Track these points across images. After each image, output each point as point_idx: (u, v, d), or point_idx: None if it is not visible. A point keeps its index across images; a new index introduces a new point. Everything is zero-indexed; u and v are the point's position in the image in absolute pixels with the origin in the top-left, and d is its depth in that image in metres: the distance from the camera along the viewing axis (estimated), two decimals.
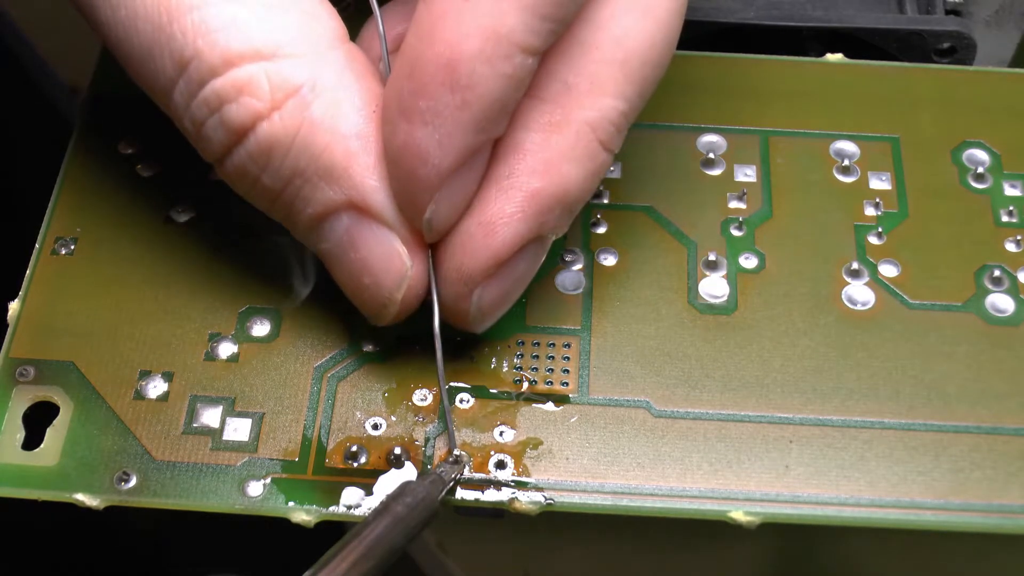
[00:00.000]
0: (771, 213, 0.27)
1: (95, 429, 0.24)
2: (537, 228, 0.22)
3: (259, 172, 0.22)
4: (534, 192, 0.22)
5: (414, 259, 0.22)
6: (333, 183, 0.22)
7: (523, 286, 0.24)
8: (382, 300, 0.23)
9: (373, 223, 0.22)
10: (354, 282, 0.23)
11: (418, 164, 0.21)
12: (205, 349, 0.25)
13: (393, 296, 0.22)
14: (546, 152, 0.22)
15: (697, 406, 0.24)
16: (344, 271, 0.23)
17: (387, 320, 0.23)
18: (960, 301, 0.25)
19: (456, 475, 0.23)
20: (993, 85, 0.29)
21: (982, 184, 0.27)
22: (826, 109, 0.28)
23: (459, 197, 0.22)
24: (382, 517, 0.21)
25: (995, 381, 0.24)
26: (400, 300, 0.22)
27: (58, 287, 0.26)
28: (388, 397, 0.24)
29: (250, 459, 0.23)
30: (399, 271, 0.22)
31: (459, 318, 0.23)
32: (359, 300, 0.23)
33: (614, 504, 0.23)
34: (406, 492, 0.22)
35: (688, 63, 0.29)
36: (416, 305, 0.23)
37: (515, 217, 0.22)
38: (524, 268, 0.23)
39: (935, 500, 0.23)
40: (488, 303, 0.23)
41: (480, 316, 0.23)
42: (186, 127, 0.23)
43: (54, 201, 0.27)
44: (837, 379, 0.24)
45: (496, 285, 0.23)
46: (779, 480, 0.23)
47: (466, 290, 0.22)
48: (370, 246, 0.22)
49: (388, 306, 0.23)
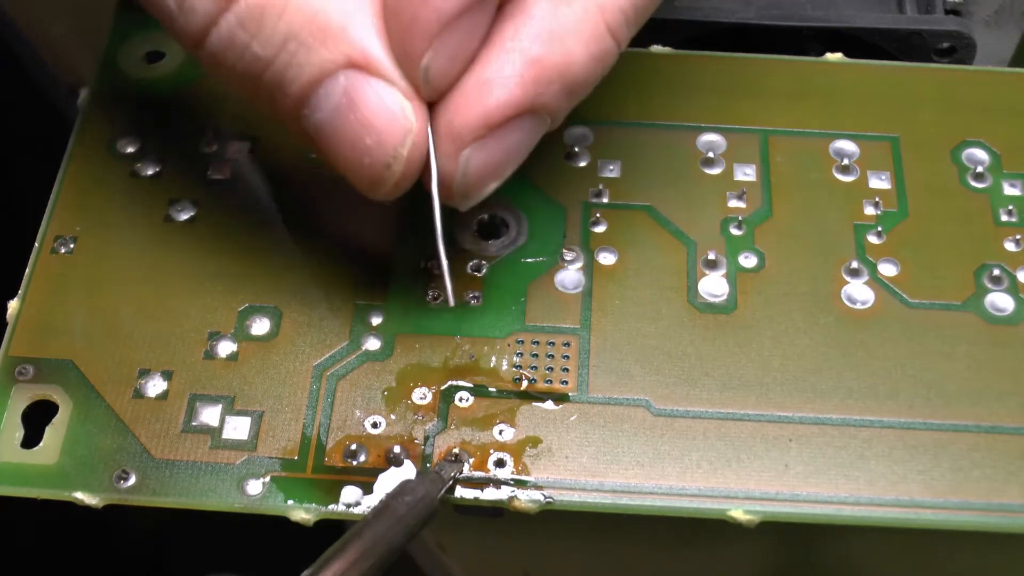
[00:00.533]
0: (771, 212, 0.27)
1: (94, 428, 0.24)
2: (533, 98, 0.22)
3: (249, 39, 0.21)
4: (535, 59, 0.21)
5: (418, 114, 0.22)
6: (330, 42, 0.21)
7: (512, 165, 0.23)
8: (386, 160, 0.22)
9: (372, 79, 0.21)
10: (355, 147, 0.22)
11: (419, 4, 0.20)
12: (204, 348, 0.25)
13: (398, 153, 0.21)
14: (552, 23, 0.21)
15: (697, 405, 0.24)
16: (343, 137, 0.22)
17: (388, 186, 0.22)
18: (960, 300, 0.25)
19: (455, 473, 0.23)
20: (993, 84, 0.29)
21: (982, 183, 0.27)
22: (826, 108, 0.28)
23: (458, 49, 0.21)
24: (382, 516, 0.21)
25: (995, 380, 0.24)
26: (405, 157, 0.22)
27: (57, 286, 0.26)
28: (387, 396, 0.24)
29: (249, 458, 0.23)
30: (403, 126, 0.21)
31: (444, 184, 0.22)
32: (360, 167, 0.22)
33: (613, 503, 0.23)
34: (405, 491, 0.22)
35: (688, 62, 0.29)
36: (418, 168, 0.22)
37: (512, 80, 0.21)
38: (515, 142, 0.22)
39: (934, 499, 0.23)
40: (474, 169, 0.22)
41: (464, 184, 0.22)
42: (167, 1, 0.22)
43: (54, 200, 0.27)
44: (836, 378, 0.24)
45: (484, 151, 0.22)
46: (778, 479, 0.23)
47: (453, 149, 0.22)
48: (371, 103, 0.21)
49: (393, 165, 0.22)
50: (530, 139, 0.23)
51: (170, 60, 0.29)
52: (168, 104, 0.29)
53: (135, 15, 0.30)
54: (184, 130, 0.28)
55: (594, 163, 0.27)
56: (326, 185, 0.27)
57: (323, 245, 0.26)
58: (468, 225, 0.26)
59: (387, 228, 0.26)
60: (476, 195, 0.23)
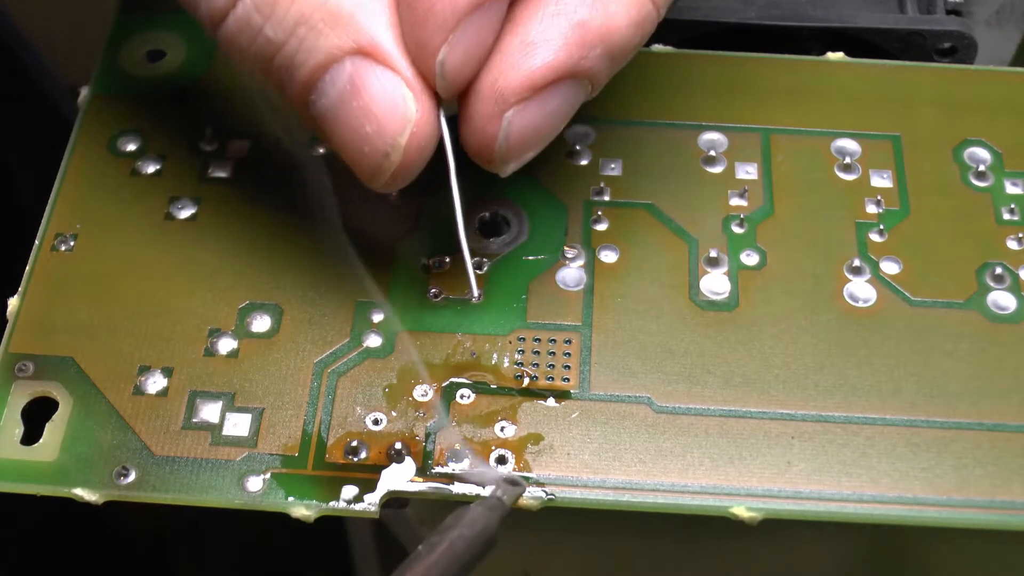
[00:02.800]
0: (772, 210, 0.27)
1: (94, 424, 0.24)
2: (577, 62, 0.22)
3: (263, 22, 0.21)
4: (579, 22, 0.21)
5: (420, 105, 0.22)
6: (339, 28, 0.21)
7: (552, 132, 0.23)
8: (384, 148, 0.22)
9: (378, 67, 0.21)
10: (356, 134, 0.22)
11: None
12: (205, 345, 0.25)
13: (396, 142, 0.22)
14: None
15: (698, 402, 0.24)
16: (345, 124, 0.22)
17: (387, 175, 0.22)
18: (962, 298, 0.25)
19: (518, 496, 0.23)
20: (994, 83, 0.29)
21: (983, 182, 0.27)
22: (827, 107, 0.28)
23: (474, 44, 0.21)
24: (440, 551, 0.20)
25: (997, 378, 0.24)
26: (403, 147, 0.22)
27: (58, 283, 0.26)
28: (388, 392, 0.24)
29: (250, 454, 0.23)
30: (403, 115, 0.22)
31: (486, 147, 0.22)
32: (360, 154, 0.22)
33: (615, 499, 0.23)
34: (465, 522, 0.21)
35: (689, 61, 0.29)
36: (419, 159, 0.22)
37: (556, 43, 0.21)
38: (556, 107, 0.22)
39: (937, 497, 0.23)
40: (516, 131, 0.22)
41: (506, 147, 0.22)
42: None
43: (54, 198, 0.27)
44: (839, 376, 0.24)
45: (527, 114, 0.22)
46: (781, 476, 0.23)
47: (497, 110, 0.22)
48: (373, 91, 0.21)
49: (391, 154, 0.22)
50: (570, 106, 0.23)
51: (170, 59, 0.29)
52: (168, 103, 0.29)
53: (135, 15, 0.30)
54: (184, 128, 0.28)
55: (596, 161, 0.27)
56: (326, 182, 0.27)
57: (324, 242, 0.26)
58: (470, 223, 0.26)
59: (388, 225, 0.26)
60: (516, 160, 0.23)
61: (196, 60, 0.29)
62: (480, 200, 0.27)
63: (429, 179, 0.27)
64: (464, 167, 0.26)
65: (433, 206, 0.27)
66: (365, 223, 0.26)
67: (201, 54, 0.29)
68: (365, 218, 0.26)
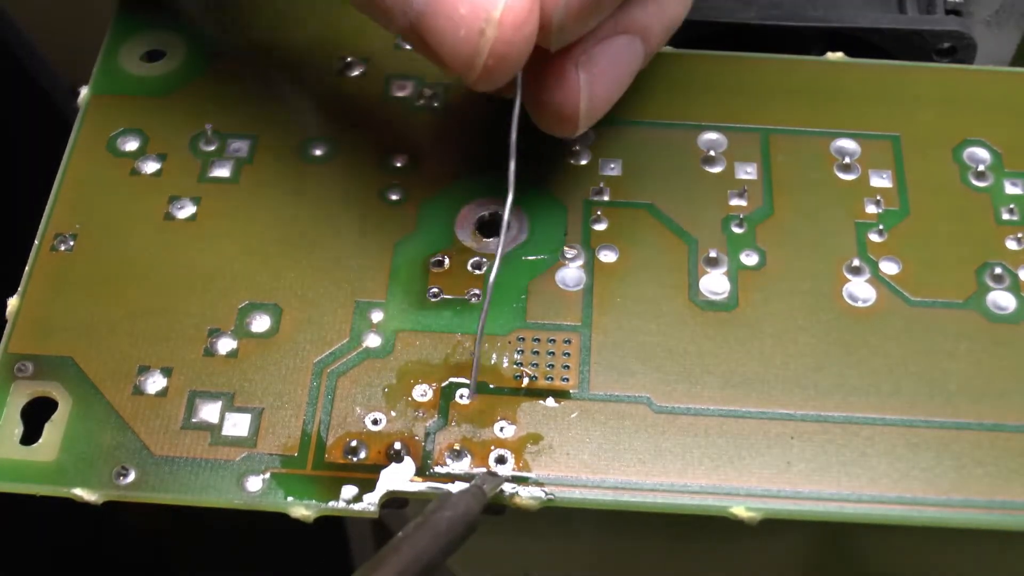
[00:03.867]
0: (772, 210, 0.27)
1: (94, 424, 0.24)
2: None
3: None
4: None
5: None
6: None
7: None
8: (479, 24, 0.21)
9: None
10: (450, 20, 0.22)
11: None
12: (204, 345, 0.25)
13: (491, 16, 0.21)
14: None
15: (698, 402, 0.24)
16: (439, 15, 0.22)
17: (483, 56, 0.22)
18: (961, 298, 0.25)
19: (498, 486, 0.23)
20: (994, 83, 0.29)
21: (983, 182, 0.27)
22: (827, 107, 0.28)
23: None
24: (422, 531, 0.21)
25: (997, 378, 0.24)
26: (498, 21, 0.21)
27: (57, 283, 0.26)
28: (388, 393, 0.24)
29: (249, 454, 0.23)
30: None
31: (544, 18, 0.22)
32: (456, 40, 0.22)
33: (615, 499, 0.23)
34: (446, 505, 0.21)
35: (688, 61, 0.29)
36: (514, 39, 0.22)
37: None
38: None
39: (937, 497, 0.23)
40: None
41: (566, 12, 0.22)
42: None
43: (53, 198, 0.27)
44: (838, 376, 0.24)
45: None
46: (780, 476, 0.23)
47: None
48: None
49: (486, 30, 0.21)
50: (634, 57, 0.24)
51: (170, 59, 0.29)
52: (168, 102, 0.29)
53: (135, 15, 0.30)
54: (184, 128, 0.28)
55: (595, 161, 0.27)
56: (326, 182, 0.27)
57: (323, 242, 0.26)
58: (469, 223, 0.26)
59: (388, 224, 0.26)
60: (571, 32, 0.23)
61: (196, 60, 0.29)
62: (480, 200, 0.27)
63: (429, 179, 0.27)
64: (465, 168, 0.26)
65: (433, 206, 0.27)
66: (365, 223, 0.26)
67: (201, 54, 0.29)
68: (365, 218, 0.26)
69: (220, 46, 0.30)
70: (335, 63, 0.29)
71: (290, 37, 0.30)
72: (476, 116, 0.28)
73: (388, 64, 0.29)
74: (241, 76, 0.29)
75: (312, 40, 0.29)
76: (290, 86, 0.29)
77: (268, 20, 0.30)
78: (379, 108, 0.28)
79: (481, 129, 0.28)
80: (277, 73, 0.29)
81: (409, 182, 0.27)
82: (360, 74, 0.29)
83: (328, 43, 0.29)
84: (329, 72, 0.29)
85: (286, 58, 0.29)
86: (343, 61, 0.29)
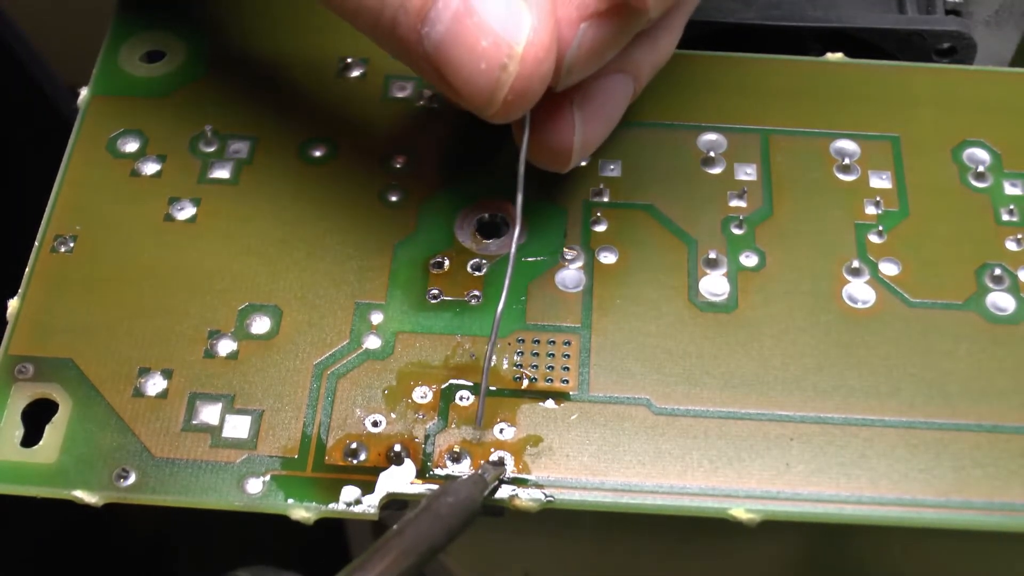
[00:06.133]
0: (771, 211, 0.27)
1: (94, 426, 0.24)
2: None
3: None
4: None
5: (535, 14, 0.21)
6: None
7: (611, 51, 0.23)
8: (501, 60, 0.21)
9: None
10: (471, 53, 0.22)
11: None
12: (204, 346, 0.25)
13: (513, 51, 0.21)
14: None
15: (697, 403, 0.24)
16: (461, 44, 0.22)
17: (504, 91, 0.22)
18: (961, 299, 0.25)
19: (500, 475, 0.23)
20: (993, 84, 0.29)
21: (982, 183, 0.27)
22: (826, 108, 0.28)
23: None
24: (424, 515, 0.21)
25: (996, 379, 0.24)
26: (520, 57, 0.21)
27: (57, 284, 0.26)
28: (388, 394, 0.24)
29: (249, 456, 0.23)
30: (517, 23, 0.21)
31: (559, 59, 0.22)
32: (477, 72, 0.22)
33: (614, 501, 0.23)
34: (448, 491, 0.22)
35: (688, 62, 0.29)
36: (536, 74, 0.22)
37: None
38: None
39: (936, 498, 0.23)
40: (587, 43, 0.22)
41: (576, 56, 0.22)
42: None
43: (54, 199, 0.27)
44: (838, 377, 0.24)
45: (596, 29, 0.22)
46: (780, 478, 0.23)
47: (577, 16, 0.22)
48: (487, 4, 0.21)
49: (508, 65, 0.21)
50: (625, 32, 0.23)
51: (170, 60, 0.29)
52: (168, 103, 0.29)
53: (135, 15, 0.30)
54: (184, 129, 0.28)
55: (595, 162, 0.27)
56: (326, 183, 0.27)
57: (323, 243, 0.26)
58: (469, 224, 0.26)
59: (387, 226, 0.26)
60: (579, 73, 0.23)
61: (196, 60, 0.29)
62: (479, 201, 0.27)
63: (429, 180, 0.27)
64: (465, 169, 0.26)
65: (433, 207, 0.27)
66: (364, 224, 0.26)
67: (200, 54, 0.29)
68: (364, 219, 0.26)
69: (220, 47, 0.30)
70: (335, 64, 0.29)
71: (290, 38, 0.30)
72: (476, 117, 0.28)
73: (388, 65, 0.29)
74: (241, 77, 0.29)
75: (312, 41, 0.29)
76: (290, 87, 0.29)
77: (268, 21, 0.30)
78: (379, 109, 0.28)
79: (481, 130, 0.28)
80: (277, 74, 0.29)
81: (409, 183, 0.27)
82: (360, 75, 0.29)
83: (328, 44, 0.29)
84: (329, 73, 0.29)
85: (286, 59, 0.29)
86: (343, 62, 0.29)
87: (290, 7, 0.30)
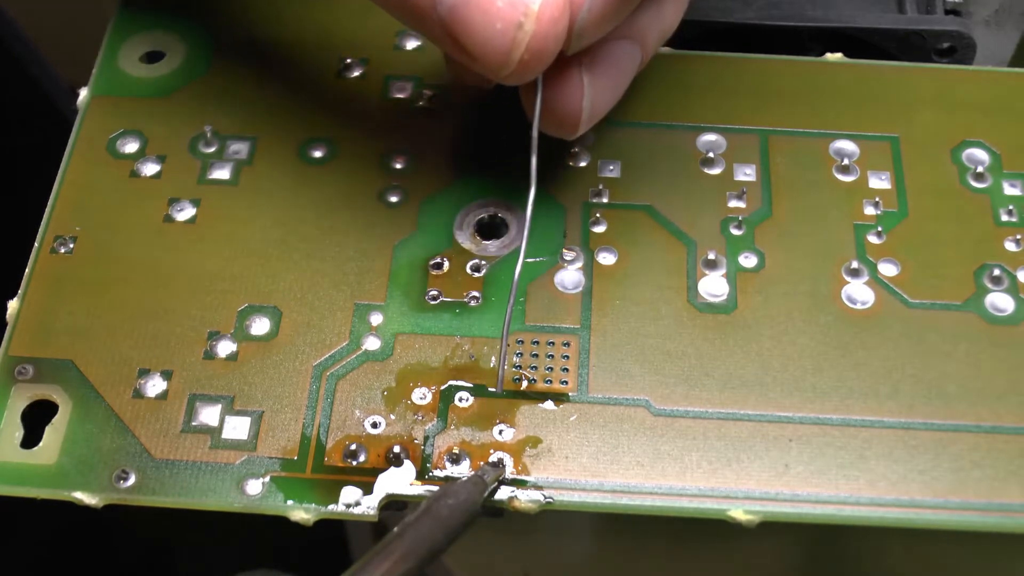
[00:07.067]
0: (771, 212, 0.27)
1: (94, 427, 0.24)
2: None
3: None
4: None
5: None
6: None
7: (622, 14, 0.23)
8: (517, 18, 0.21)
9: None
10: (487, 15, 0.22)
11: None
12: (204, 348, 0.25)
13: (529, 10, 0.21)
14: None
15: (696, 405, 0.24)
16: (474, 7, 0.22)
17: (520, 50, 0.22)
18: (960, 300, 0.25)
19: (499, 477, 0.23)
20: (993, 84, 0.29)
21: (982, 183, 0.27)
22: (825, 108, 0.28)
23: None
24: (424, 517, 0.21)
25: (995, 380, 0.24)
26: (536, 14, 0.21)
27: (57, 286, 0.26)
28: (387, 396, 0.24)
29: (249, 457, 0.23)
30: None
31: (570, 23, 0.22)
32: (492, 33, 0.22)
33: (613, 503, 0.23)
34: (448, 493, 0.22)
35: (688, 62, 0.29)
36: (551, 33, 0.22)
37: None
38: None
39: (935, 499, 0.23)
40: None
41: (586, 20, 0.22)
42: None
43: (53, 200, 0.27)
44: (837, 378, 0.24)
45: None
46: (779, 479, 0.23)
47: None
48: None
49: (524, 23, 0.21)
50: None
51: (170, 60, 0.29)
52: (168, 104, 0.29)
53: (135, 15, 0.30)
54: (184, 130, 0.28)
55: (594, 163, 0.27)
56: (326, 184, 0.27)
57: (323, 244, 0.26)
58: (468, 225, 0.26)
59: (387, 226, 0.26)
60: (590, 36, 0.23)
61: (196, 60, 0.29)
62: (479, 202, 0.27)
63: (429, 181, 0.27)
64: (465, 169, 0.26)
65: (432, 208, 0.27)
66: (364, 225, 0.26)
67: (201, 54, 0.29)
68: (364, 220, 0.26)
69: (220, 47, 0.30)
70: (335, 64, 0.29)
71: (290, 38, 0.30)
72: (475, 118, 0.28)
73: (388, 65, 0.29)
74: (241, 77, 0.29)
75: (312, 41, 0.29)
76: (290, 87, 0.29)
77: (268, 21, 0.30)
78: (379, 109, 0.28)
79: (481, 131, 0.28)
80: (277, 74, 0.29)
81: (408, 184, 0.27)
82: (360, 75, 0.29)
83: (328, 44, 0.29)
84: (329, 73, 0.29)
85: (286, 59, 0.29)
86: (343, 62, 0.29)
87: (290, 7, 0.30)
